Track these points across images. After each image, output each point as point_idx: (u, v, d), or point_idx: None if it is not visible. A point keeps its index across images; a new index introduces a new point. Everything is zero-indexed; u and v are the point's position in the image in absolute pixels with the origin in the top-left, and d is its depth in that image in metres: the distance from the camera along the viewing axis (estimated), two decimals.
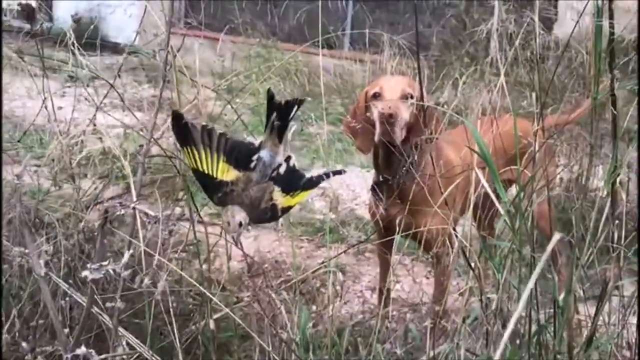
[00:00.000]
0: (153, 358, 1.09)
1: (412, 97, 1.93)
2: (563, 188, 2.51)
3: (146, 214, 1.10)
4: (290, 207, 1.26)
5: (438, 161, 1.96)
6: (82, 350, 1.00)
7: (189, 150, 1.21)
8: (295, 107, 1.28)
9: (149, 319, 1.26)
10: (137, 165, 1.21)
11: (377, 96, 1.96)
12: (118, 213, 1.09)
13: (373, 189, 2.14)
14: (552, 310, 1.20)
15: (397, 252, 2.92)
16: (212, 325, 1.21)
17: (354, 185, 3.77)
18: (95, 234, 1.26)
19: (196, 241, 2.22)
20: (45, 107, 2.38)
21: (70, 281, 1.08)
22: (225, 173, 1.22)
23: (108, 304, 1.05)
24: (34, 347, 1.07)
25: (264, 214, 1.23)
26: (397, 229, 1.98)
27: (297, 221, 3.26)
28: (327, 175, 1.34)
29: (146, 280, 1.05)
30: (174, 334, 1.28)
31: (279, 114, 1.26)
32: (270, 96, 1.26)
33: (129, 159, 2.22)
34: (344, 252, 2.34)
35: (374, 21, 5.56)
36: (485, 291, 1.26)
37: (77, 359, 1.00)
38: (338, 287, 2.23)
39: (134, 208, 1.09)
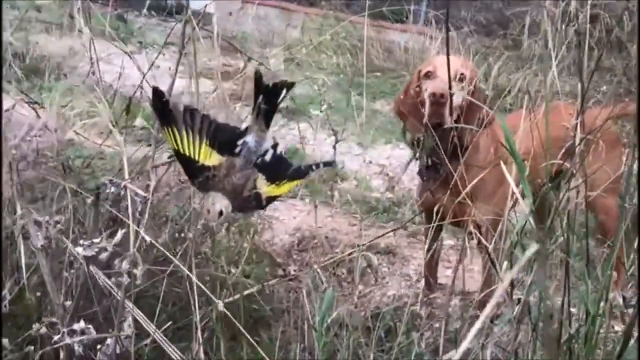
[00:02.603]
0: (157, 335, 1.08)
1: (465, 78, 1.83)
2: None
3: (136, 193, 1.07)
4: (275, 197, 1.20)
5: (490, 146, 1.86)
6: (79, 325, 1.00)
7: (170, 130, 1.15)
8: (285, 90, 1.20)
9: (159, 300, 1.24)
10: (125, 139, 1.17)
11: (429, 75, 1.87)
12: (108, 191, 1.07)
13: (420, 173, 2.06)
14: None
15: (450, 237, 2.85)
16: (220, 307, 1.18)
17: (414, 165, 3.68)
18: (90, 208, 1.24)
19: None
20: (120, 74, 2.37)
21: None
22: (208, 157, 1.16)
23: (115, 279, 1.03)
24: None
25: (247, 203, 1.16)
26: (444, 215, 1.90)
27: (353, 198, 3.21)
28: (317, 166, 1.25)
29: (124, 264, 1.02)
30: (195, 310, 1.26)
31: (266, 97, 1.18)
32: (257, 77, 1.19)
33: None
34: (383, 235, 2.26)
35: None
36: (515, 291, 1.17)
37: (74, 334, 0.99)
38: (376, 270, 2.19)
39: (124, 187, 1.06)
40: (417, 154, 1.68)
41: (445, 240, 2.62)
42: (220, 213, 1.11)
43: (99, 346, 1.06)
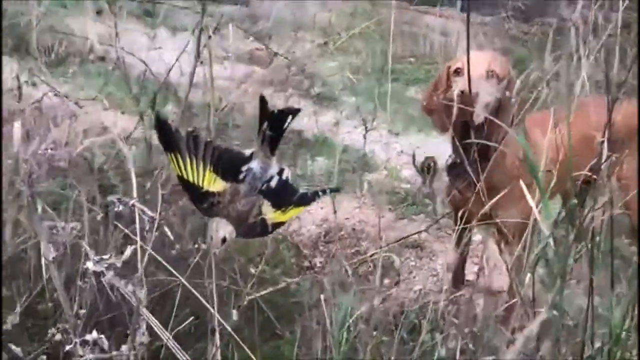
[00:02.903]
0: (170, 343, 1.08)
1: (496, 75, 1.78)
2: None
3: (143, 211, 1.07)
4: (282, 223, 1.18)
5: (519, 147, 1.81)
6: (92, 335, 1.01)
7: (174, 156, 1.14)
8: (290, 117, 1.18)
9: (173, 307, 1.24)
10: (129, 155, 1.16)
11: (459, 72, 1.83)
12: (116, 209, 1.07)
13: (449, 170, 2.03)
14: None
15: (479, 233, 2.80)
16: (235, 316, 1.17)
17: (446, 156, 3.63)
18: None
19: None
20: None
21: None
22: (212, 183, 1.15)
23: (130, 288, 1.03)
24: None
25: (252, 229, 1.15)
26: (472, 215, 1.87)
27: (382, 189, 3.19)
28: (324, 192, 1.24)
29: (130, 287, 1.02)
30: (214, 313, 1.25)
31: (271, 123, 1.17)
32: (262, 102, 1.16)
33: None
34: (408, 236, 2.23)
35: None
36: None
37: (87, 345, 1.00)
38: (399, 273, 2.17)
39: (132, 205, 1.06)
40: (427, 181, 1.64)
41: (474, 236, 2.58)
42: (224, 240, 1.10)
43: (114, 353, 1.08)
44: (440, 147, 2.09)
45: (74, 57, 3.72)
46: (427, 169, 1.55)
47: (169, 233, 1.21)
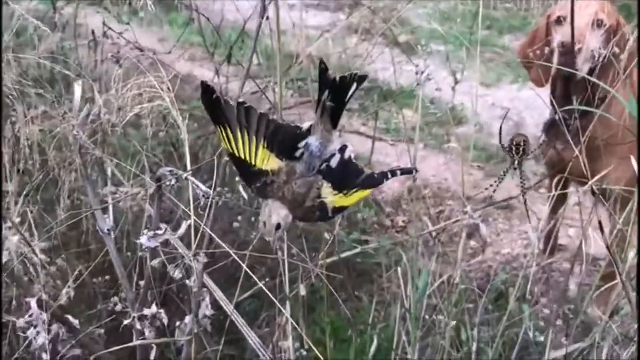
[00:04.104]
0: (234, 317, 1.04)
1: (604, 25, 1.62)
2: None
3: (198, 186, 1.00)
4: (344, 208, 1.07)
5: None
6: (151, 310, 0.97)
7: (223, 130, 1.03)
8: (355, 84, 1.04)
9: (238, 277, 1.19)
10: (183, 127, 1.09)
11: (560, 21, 1.68)
12: (169, 184, 1.00)
13: (547, 128, 1.89)
14: None
15: (576, 194, 2.63)
16: (303, 291, 1.12)
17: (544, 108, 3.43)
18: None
19: None
20: None
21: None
22: (266, 161, 1.03)
23: (188, 261, 0.99)
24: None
25: (310, 213, 1.03)
26: (571, 175, 1.74)
27: (472, 145, 3.04)
28: (393, 174, 1.08)
29: (177, 273, 0.97)
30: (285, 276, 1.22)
31: (332, 93, 1.03)
32: (322, 69, 1.03)
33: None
34: (499, 203, 2.10)
35: None
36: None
37: (145, 319, 0.97)
38: (485, 241, 2.05)
39: (186, 179, 0.99)
40: (516, 162, 1.45)
41: (570, 199, 2.43)
42: (278, 227, 1.00)
43: (177, 323, 1.06)
44: (537, 101, 1.94)
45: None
46: (515, 148, 1.36)
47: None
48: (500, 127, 1.27)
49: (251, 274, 1.12)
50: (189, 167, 1.06)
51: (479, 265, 2.25)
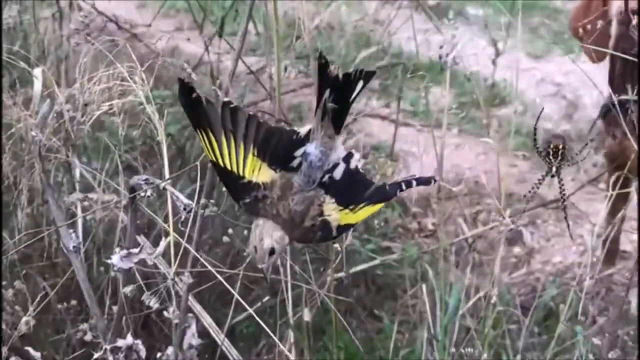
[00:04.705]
0: (225, 345, 1.05)
1: None
2: None
3: (177, 197, 1.00)
4: (351, 226, 1.06)
5: None
6: (126, 341, 0.98)
7: (204, 134, 1.01)
8: (361, 82, 1.02)
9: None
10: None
11: None
12: (143, 194, 1.00)
13: (604, 112, 1.90)
14: None
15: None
16: (307, 317, 1.13)
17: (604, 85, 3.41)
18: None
19: None
20: None
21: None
22: (256, 172, 1.01)
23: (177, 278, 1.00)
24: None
25: (311, 233, 1.01)
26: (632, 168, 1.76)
27: (516, 129, 3.03)
28: (408, 184, 1.07)
29: (153, 301, 0.97)
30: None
31: (335, 92, 1.01)
32: (322, 63, 1.01)
33: None
34: (544, 204, 2.10)
35: None
36: None
37: (119, 352, 0.97)
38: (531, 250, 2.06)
39: (164, 188, 1.00)
40: (553, 170, 1.42)
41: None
42: (272, 252, 1.00)
43: (158, 355, 1.07)
44: (597, 76, 1.92)
45: None
46: (553, 152, 1.32)
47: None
48: (535, 127, 1.26)
49: (247, 285, 1.13)
50: (166, 175, 1.07)
51: (524, 277, 2.26)
